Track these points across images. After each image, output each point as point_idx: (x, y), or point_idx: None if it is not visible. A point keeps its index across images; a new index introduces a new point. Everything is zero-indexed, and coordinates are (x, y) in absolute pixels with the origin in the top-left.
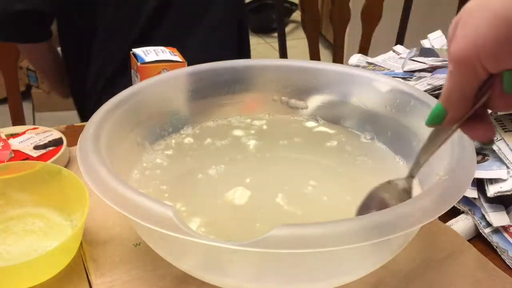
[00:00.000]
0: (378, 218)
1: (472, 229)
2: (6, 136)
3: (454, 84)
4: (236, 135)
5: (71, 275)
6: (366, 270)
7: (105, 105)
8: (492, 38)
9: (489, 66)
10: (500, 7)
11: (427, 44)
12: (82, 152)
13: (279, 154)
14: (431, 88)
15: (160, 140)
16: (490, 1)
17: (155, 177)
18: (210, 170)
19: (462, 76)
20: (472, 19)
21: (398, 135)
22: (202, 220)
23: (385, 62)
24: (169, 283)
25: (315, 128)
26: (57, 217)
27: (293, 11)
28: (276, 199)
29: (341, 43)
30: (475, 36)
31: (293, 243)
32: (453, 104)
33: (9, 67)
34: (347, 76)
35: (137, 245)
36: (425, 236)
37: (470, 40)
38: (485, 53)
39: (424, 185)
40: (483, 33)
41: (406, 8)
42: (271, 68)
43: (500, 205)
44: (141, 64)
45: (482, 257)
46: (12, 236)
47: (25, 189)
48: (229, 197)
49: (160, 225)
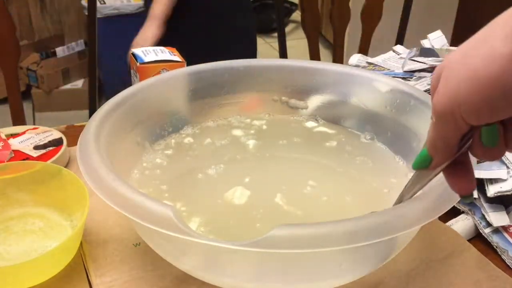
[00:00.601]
0: (378, 218)
1: (472, 229)
2: (6, 136)
3: (438, 134)
4: (235, 135)
5: (71, 275)
6: (366, 270)
7: (105, 105)
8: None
9: (470, 121)
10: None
11: (427, 44)
12: (82, 152)
13: (278, 154)
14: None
15: (160, 140)
16: (472, 58)
17: (155, 177)
18: (209, 170)
19: (444, 128)
20: (454, 75)
21: (398, 135)
22: (201, 220)
23: (385, 62)
24: (169, 283)
25: (315, 128)
26: (57, 217)
27: (293, 11)
28: (275, 199)
29: (341, 43)
30: (457, 93)
31: (293, 243)
32: (437, 151)
33: (9, 67)
34: (347, 76)
35: (137, 245)
36: (425, 236)
37: (452, 96)
38: (466, 109)
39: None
40: (464, 90)
41: (406, 8)
42: (271, 68)
43: (500, 205)
44: (141, 64)
45: (482, 257)
46: (12, 236)
47: (25, 189)
48: (229, 197)
49: (160, 225)
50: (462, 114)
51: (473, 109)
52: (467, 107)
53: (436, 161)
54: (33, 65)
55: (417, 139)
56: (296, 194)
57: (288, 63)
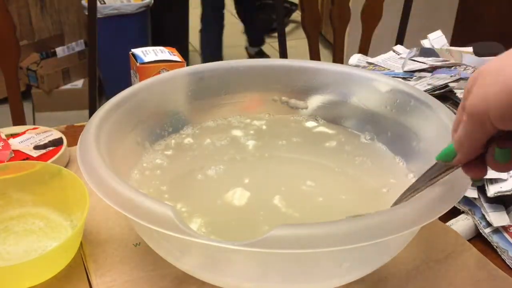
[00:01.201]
0: (378, 218)
1: (472, 229)
2: (6, 136)
3: (466, 133)
4: (235, 135)
5: (71, 275)
6: (366, 270)
7: (105, 105)
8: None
9: (497, 124)
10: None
11: (427, 44)
12: (82, 152)
13: (278, 154)
14: (431, 88)
15: (160, 140)
16: (507, 67)
17: (155, 177)
18: (209, 170)
19: (473, 128)
20: (489, 80)
21: (398, 135)
22: (202, 221)
23: (385, 62)
24: (169, 283)
25: (315, 128)
26: (57, 217)
27: (293, 11)
28: (275, 200)
29: (341, 43)
30: (488, 96)
31: (293, 243)
32: (463, 149)
33: (9, 67)
34: (347, 76)
35: (137, 245)
36: (425, 236)
37: (483, 99)
38: (494, 113)
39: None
40: (494, 95)
41: (406, 8)
42: (271, 68)
43: (500, 205)
44: (140, 64)
45: (482, 257)
46: (12, 236)
47: (25, 189)
48: (229, 198)
49: (160, 225)
50: (490, 117)
51: (500, 113)
52: (495, 112)
53: (459, 158)
54: (33, 65)
55: (417, 139)
56: (295, 195)
57: (288, 63)
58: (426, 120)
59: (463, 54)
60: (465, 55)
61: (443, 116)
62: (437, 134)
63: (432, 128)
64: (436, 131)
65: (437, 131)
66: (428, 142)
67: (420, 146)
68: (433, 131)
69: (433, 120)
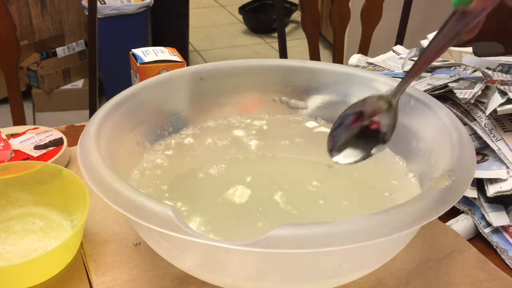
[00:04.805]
0: (378, 218)
1: (472, 229)
2: (6, 136)
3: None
4: (236, 135)
5: (71, 275)
6: (366, 270)
7: (105, 105)
8: None
9: None
10: None
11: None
12: (83, 152)
13: (280, 155)
14: (431, 88)
15: (160, 140)
16: None
17: (155, 177)
18: (210, 169)
19: None
20: None
21: (398, 135)
22: (202, 219)
23: (385, 62)
24: (169, 283)
25: (316, 129)
26: (57, 217)
27: (293, 11)
28: (276, 198)
29: (341, 43)
30: None
31: (293, 243)
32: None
33: (10, 67)
34: (347, 76)
35: (137, 245)
36: (425, 236)
37: None
38: None
39: (424, 185)
40: None
41: (406, 8)
42: (271, 68)
43: (500, 205)
44: (141, 64)
45: (482, 257)
46: (12, 236)
47: (26, 189)
48: (229, 196)
49: (160, 225)
50: None
51: None
52: None
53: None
54: (33, 65)
55: (417, 139)
56: (297, 194)
57: (288, 63)
58: (426, 120)
59: (462, 54)
60: (464, 55)
61: (443, 116)
62: (437, 134)
63: (432, 128)
64: (436, 131)
65: (437, 131)
66: (428, 142)
67: (420, 146)
68: (433, 131)
69: (433, 120)
